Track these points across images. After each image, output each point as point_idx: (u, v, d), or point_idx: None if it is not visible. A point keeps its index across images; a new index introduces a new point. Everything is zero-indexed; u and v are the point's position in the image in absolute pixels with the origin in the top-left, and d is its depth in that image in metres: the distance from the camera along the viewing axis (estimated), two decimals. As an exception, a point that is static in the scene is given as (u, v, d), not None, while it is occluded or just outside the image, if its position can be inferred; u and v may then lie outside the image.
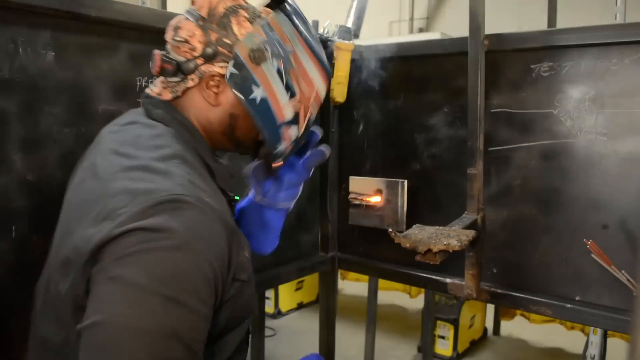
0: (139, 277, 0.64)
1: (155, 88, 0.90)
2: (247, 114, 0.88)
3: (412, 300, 4.31)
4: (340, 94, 1.69)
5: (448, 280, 1.52)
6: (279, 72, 0.88)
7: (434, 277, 1.56)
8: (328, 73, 0.96)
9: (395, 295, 4.30)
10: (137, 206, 0.68)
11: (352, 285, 4.67)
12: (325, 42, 1.67)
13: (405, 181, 1.55)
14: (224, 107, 0.88)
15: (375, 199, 1.60)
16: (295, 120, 0.93)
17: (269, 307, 4.22)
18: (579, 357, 3.03)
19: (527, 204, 1.40)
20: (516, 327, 3.91)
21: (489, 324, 3.95)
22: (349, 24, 1.91)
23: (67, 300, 0.72)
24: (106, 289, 0.65)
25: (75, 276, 0.70)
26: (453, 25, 5.71)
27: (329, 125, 1.77)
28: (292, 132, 0.94)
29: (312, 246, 1.84)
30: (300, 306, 4.46)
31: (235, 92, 0.86)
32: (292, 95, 0.90)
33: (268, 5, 0.91)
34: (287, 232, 1.73)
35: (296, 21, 0.92)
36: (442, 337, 3.49)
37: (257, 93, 0.86)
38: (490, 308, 3.91)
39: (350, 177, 1.66)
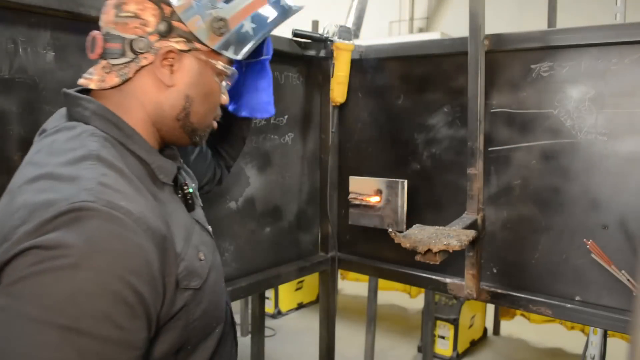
0: (29, 306, 0.56)
1: (93, 76, 0.79)
2: (204, 96, 0.83)
3: (412, 300, 4.31)
4: (340, 94, 1.69)
5: (448, 280, 1.52)
6: (231, 1, 0.83)
7: (434, 277, 1.56)
8: None
9: (395, 295, 4.31)
10: (34, 221, 0.59)
11: (352, 285, 4.68)
12: (325, 42, 1.68)
13: (405, 181, 1.55)
14: (178, 88, 0.80)
15: (375, 199, 1.60)
16: None
17: (269, 307, 4.22)
18: (579, 357, 3.04)
19: (527, 204, 1.40)
20: (516, 327, 3.92)
21: (489, 324, 3.95)
22: (349, 24, 1.91)
23: None
24: None
25: None
26: (453, 25, 5.72)
27: (329, 125, 1.77)
28: None
29: (312, 246, 1.84)
30: (300, 306, 4.46)
31: (248, 48, 0.85)
32: None
33: None
34: (287, 232, 1.74)
35: None
36: (442, 337, 3.49)
37: (247, 26, 0.84)
38: (490, 308, 3.91)
39: (350, 177, 1.66)
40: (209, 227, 0.91)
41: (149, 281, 0.64)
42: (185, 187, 0.86)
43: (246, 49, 0.84)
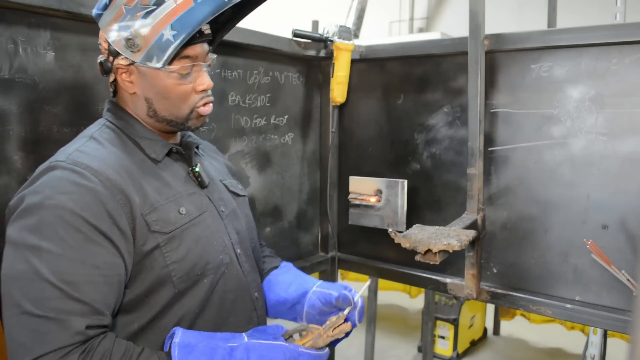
0: (14, 234, 0.82)
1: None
2: (160, 96, 0.95)
3: (412, 300, 4.31)
4: (340, 94, 1.69)
5: (448, 280, 1.52)
6: (146, 7, 0.89)
7: (434, 277, 1.56)
8: None
9: (395, 295, 4.30)
10: (30, 177, 0.87)
11: (352, 285, 4.67)
12: (325, 42, 1.68)
13: (405, 181, 1.55)
14: (139, 94, 0.96)
15: (375, 199, 1.60)
16: None
17: (269, 307, 4.22)
18: (579, 357, 3.03)
19: (527, 204, 1.40)
20: (516, 327, 3.92)
21: (489, 324, 3.95)
22: (349, 24, 1.91)
23: None
24: (2, 248, 0.83)
25: None
26: (453, 25, 5.72)
27: (329, 125, 1.77)
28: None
29: (312, 246, 1.84)
30: (300, 306, 4.45)
31: (168, 55, 0.90)
32: None
33: None
34: (287, 232, 1.74)
35: None
36: (442, 337, 3.49)
37: (167, 34, 0.89)
38: (490, 308, 3.91)
39: (350, 177, 1.66)
40: (222, 207, 1.04)
41: (103, 217, 0.84)
42: (194, 167, 1.02)
43: (165, 56, 0.90)
